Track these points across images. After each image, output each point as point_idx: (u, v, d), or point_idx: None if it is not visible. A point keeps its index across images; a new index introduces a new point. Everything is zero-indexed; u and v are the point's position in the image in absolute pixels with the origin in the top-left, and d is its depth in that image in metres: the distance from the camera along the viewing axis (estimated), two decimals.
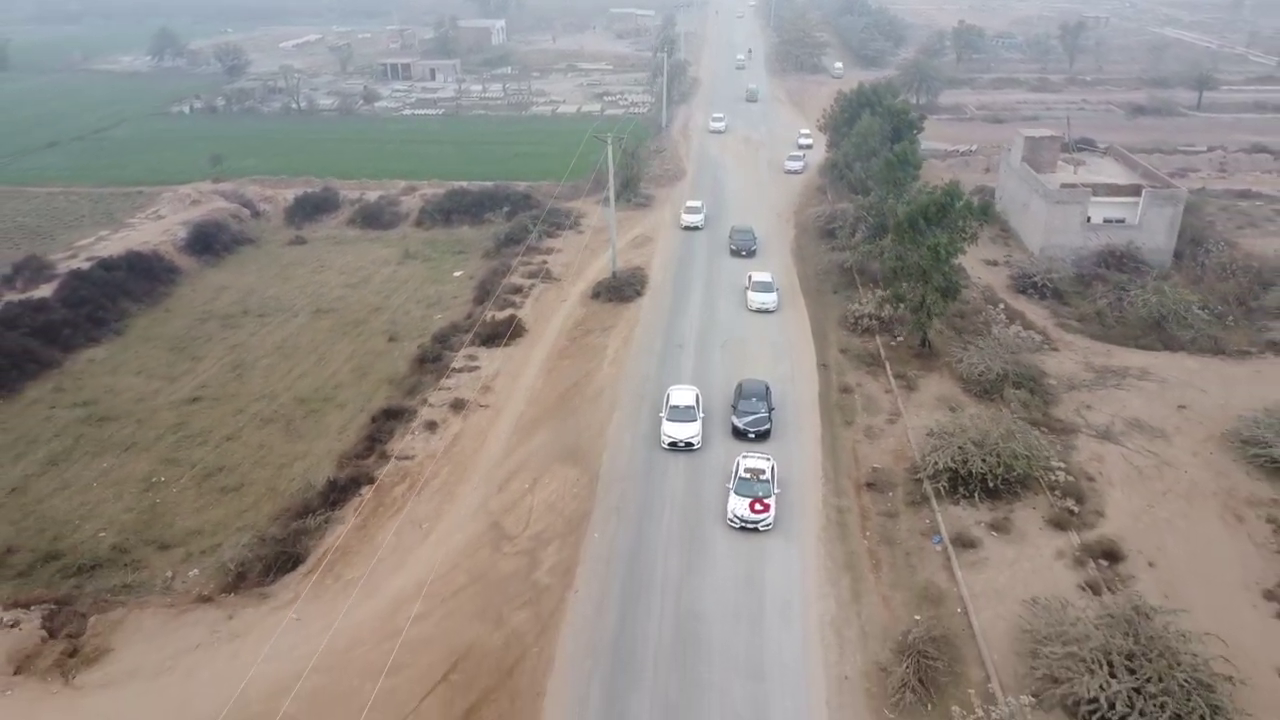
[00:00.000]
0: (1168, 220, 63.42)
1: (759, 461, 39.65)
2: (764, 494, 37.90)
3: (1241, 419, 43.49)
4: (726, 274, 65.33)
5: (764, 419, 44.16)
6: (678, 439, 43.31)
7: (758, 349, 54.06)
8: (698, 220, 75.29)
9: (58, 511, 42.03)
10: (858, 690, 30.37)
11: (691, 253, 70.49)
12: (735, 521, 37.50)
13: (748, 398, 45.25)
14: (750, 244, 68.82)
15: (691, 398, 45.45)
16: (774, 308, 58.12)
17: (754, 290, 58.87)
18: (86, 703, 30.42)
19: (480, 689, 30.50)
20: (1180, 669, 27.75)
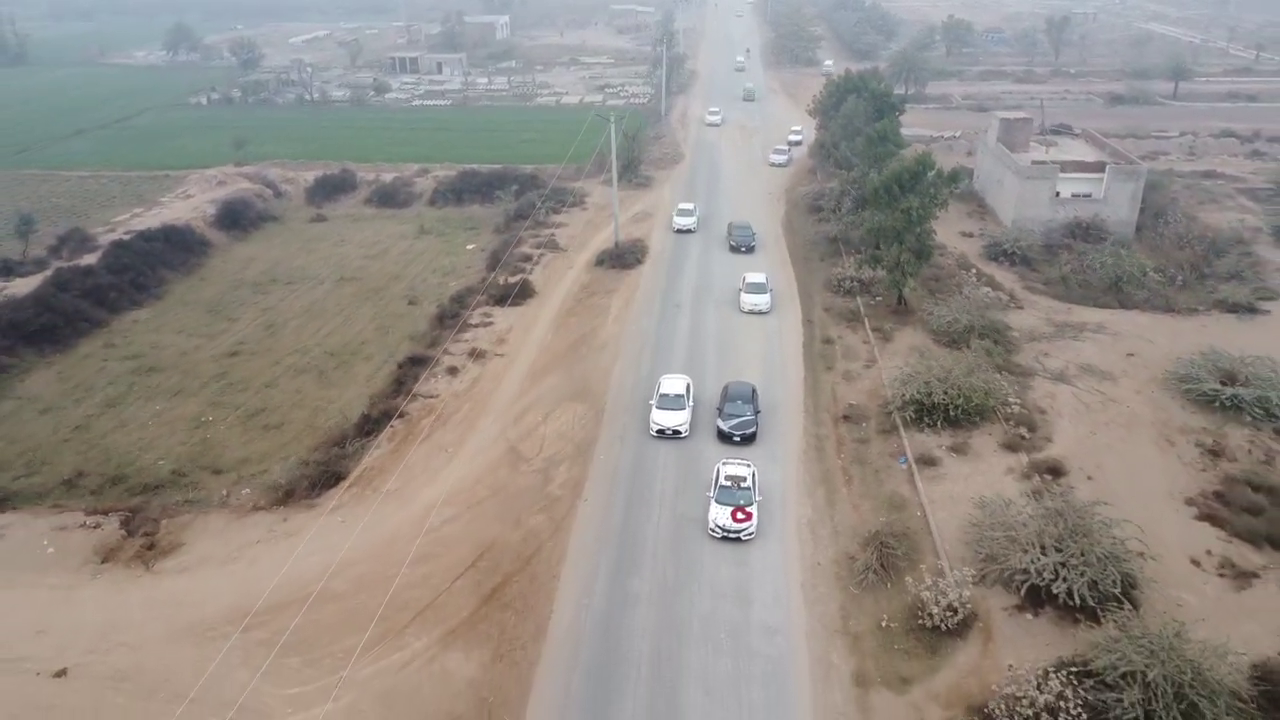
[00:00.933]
0: (1130, 194, 68.37)
1: (740, 468, 38.87)
2: (745, 502, 37.04)
3: (1179, 361, 48.47)
4: (721, 244, 70.39)
5: (750, 422, 43.33)
6: (665, 426, 43.58)
7: (751, 327, 58.68)
8: (690, 223, 72.71)
9: (118, 445, 46.87)
10: (828, 574, 35.37)
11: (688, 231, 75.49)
12: (717, 531, 36.52)
13: (733, 400, 44.44)
14: (749, 240, 68.46)
15: (682, 386, 45.63)
16: (767, 309, 57.22)
17: (747, 291, 57.91)
18: (166, 583, 35.45)
19: (503, 573, 35.49)
20: (1099, 546, 32.72)
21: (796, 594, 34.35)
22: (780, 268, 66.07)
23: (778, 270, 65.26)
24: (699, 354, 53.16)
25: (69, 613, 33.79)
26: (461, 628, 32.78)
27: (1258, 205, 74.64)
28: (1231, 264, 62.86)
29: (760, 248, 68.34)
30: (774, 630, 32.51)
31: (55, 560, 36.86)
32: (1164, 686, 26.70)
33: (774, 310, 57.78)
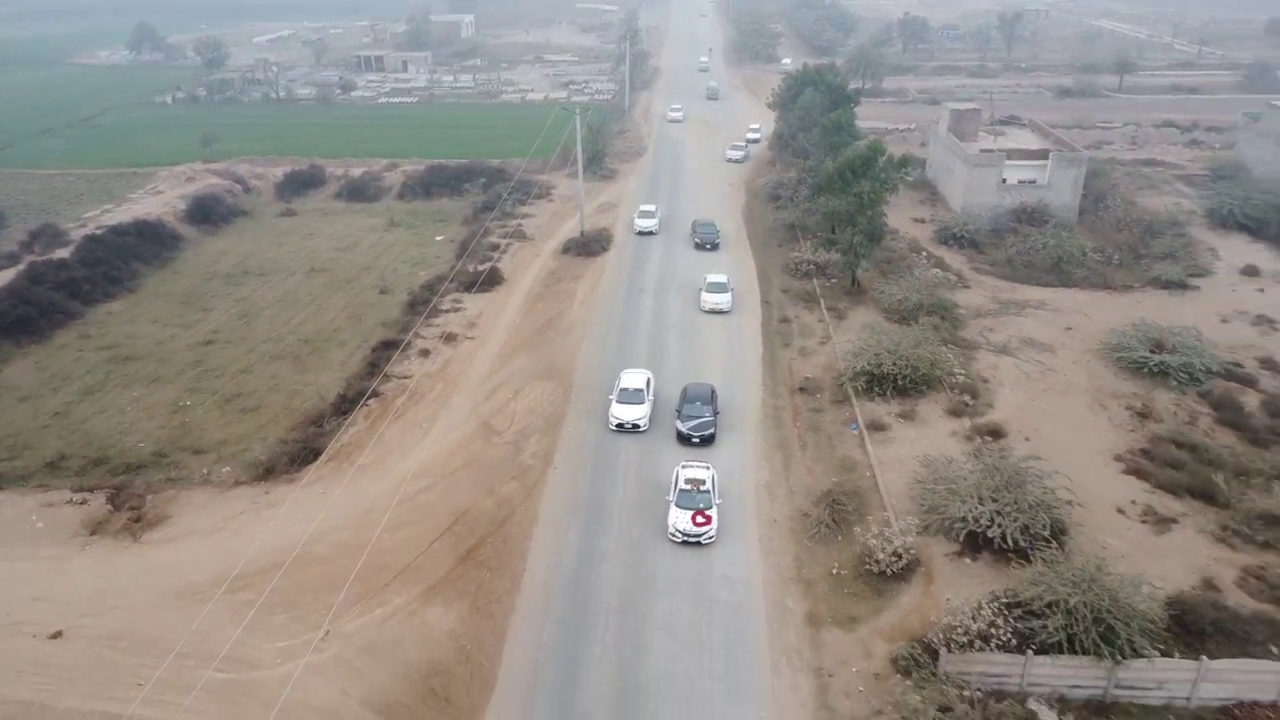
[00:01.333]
0: (1072, 180, 71.57)
1: (699, 471, 38.70)
2: (705, 505, 36.85)
3: (1113, 333, 51.48)
4: (684, 233, 72.72)
5: (709, 423, 43.27)
6: (625, 421, 44.06)
7: (709, 310, 61.12)
8: (651, 225, 71.87)
9: (99, 429, 48.20)
10: (784, 529, 37.79)
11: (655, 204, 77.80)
12: (677, 536, 36.42)
13: (692, 401, 44.28)
14: (714, 237, 68.79)
15: (642, 381, 46.08)
16: (728, 309, 57.07)
17: (708, 291, 57.66)
18: (154, 552, 37.11)
19: (478, 535, 37.55)
20: (1030, 495, 35.40)
21: (755, 547, 36.74)
22: (740, 254, 68.61)
23: (738, 256, 67.81)
24: (662, 334, 55.50)
25: (61, 581, 35.37)
26: (440, 585, 34.80)
27: (1193, 190, 78.18)
28: (1166, 245, 66.14)
29: (723, 238, 70.29)
30: (733, 580, 34.83)
31: (45, 534, 38.40)
32: (1084, 612, 29.30)
33: (735, 309, 59.19)
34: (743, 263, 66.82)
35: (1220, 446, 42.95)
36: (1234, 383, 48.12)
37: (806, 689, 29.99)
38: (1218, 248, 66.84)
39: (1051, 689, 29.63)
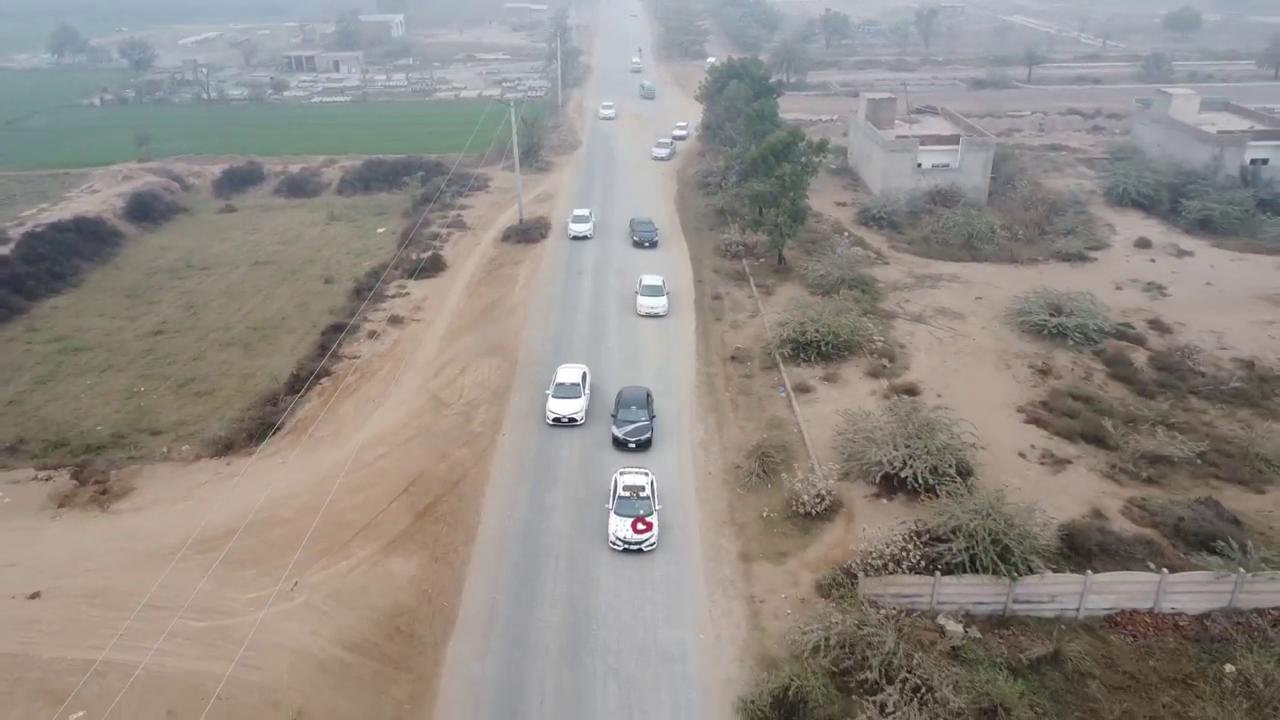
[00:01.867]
0: (981, 163, 76.29)
1: (638, 477, 38.43)
2: (645, 512, 36.63)
3: (1016, 300, 55.86)
4: (620, 218, 75.76)
5: (645, 428, 42.98)
6: (561, 415, 44.68)
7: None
8: (586, 230, 71.01)
9: (55, 415, 49.38)
10: (718, 480, 41.01)
11: (589, 201, 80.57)
12: (618, 544, 36.01)
13: (627, 406, 43.93)
14: (652, 235, 69.16)
15: (578, 375, 46.75)
16: (664, 313, 56.56)
17: (644, 294, 57.14)
18: (123, 521, 38.88)
19: (433, 495, 40.06)
20: (938, 440, 39.13)
21: (692, 497, 39.89)
22: (673, 239, 71.86)
23: (671, 241, 71.03)
24: (602, 311, 58.38)
25: (34, 549, 36.97)
26: (400, 539, 37.26)
27: (1093, 172, 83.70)
28: (1069, 222, 71.13)
29: (661, 235, 71.91)
30: (672, 526, 37.88)
31: (13, 508, 39.87)
32: (983, 535, 32.99)
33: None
34: (676, 246, 70.15)
35: (1111, 398, 47.37)
36: (1125, 342, 52.79)
37: (740, 613, 33.18)
38: (1114, 223, 72.08)
39: (958, 606, 33.18)
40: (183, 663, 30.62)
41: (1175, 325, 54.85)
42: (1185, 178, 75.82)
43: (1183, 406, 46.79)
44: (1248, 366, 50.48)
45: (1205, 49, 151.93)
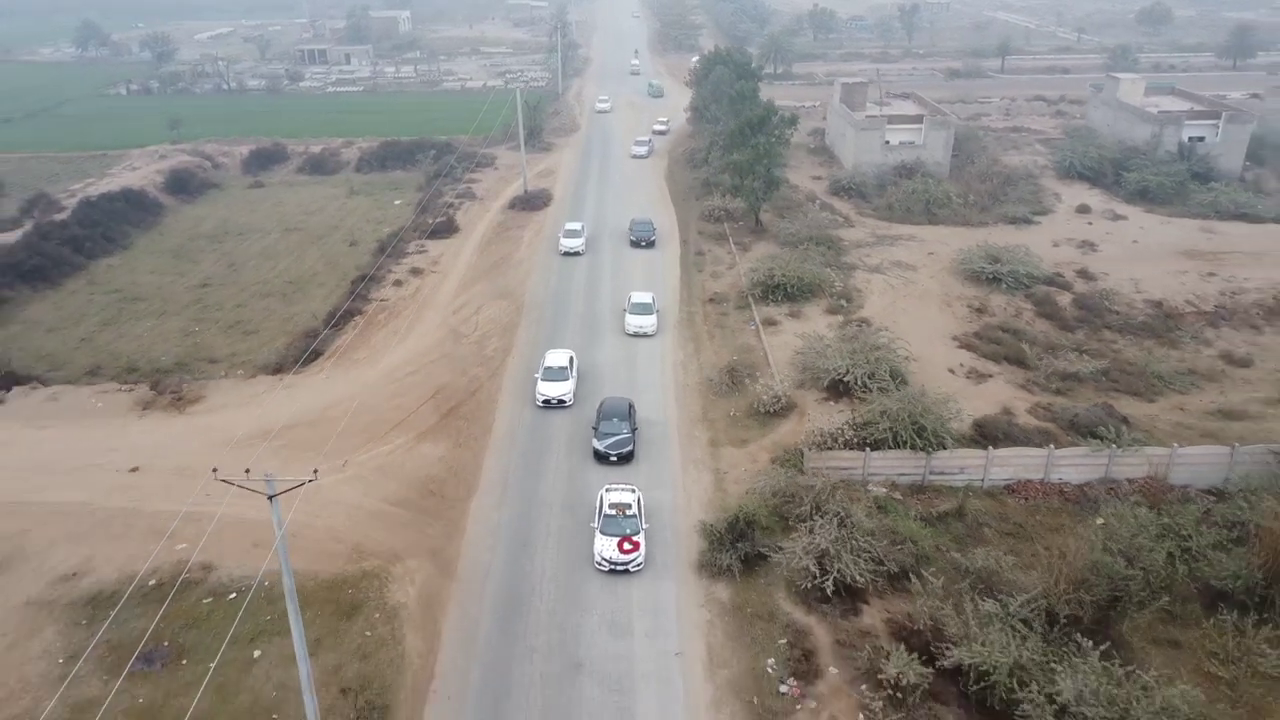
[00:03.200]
0: (943, 140, 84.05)
1: (624, 494, 37.49)
2: (632, 531, 35.55)
3: (961, 251, 63.61)
4: (615, 189, 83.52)
5: (627, 440, 42.28)
6: (550, 397, 46.79)
7: (638, 250, 71.78)
8: (577, 245, 67.56)
9: (123, 349, 57.02)
10: (694, 390, 48.81)
11: (587, 176, 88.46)
12: (604, 564, 34.96)
13: (609, 418, 43.27)
14: (649, 234, 69.14)
15: (565, 359, 48.93)
16: (653, 332, 54.79)
17: (632, 312, 55.59)
18: (197, 420, 46.70)
19: (455, 400, 47.88)
20: (877, 352, 46.94)
21: (672, 403, 47.69)
22: (664, 207, 79.62)
23: (661, 210, 78.75)
24: (598, 268, 66.09)
25: (128, 439, 44.79)
26: (429, 431, 45.08)
27: (1049, 150, 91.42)
28: (1020, 192, 78.89)
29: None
30: (654, 422, 45.64)
31: (104, 410, 47.75)
32: (903, 416, 40.78)
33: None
34: (665, 213, 77.85)
35: (1036, 331, 55.24)
36: (1053, 287, 60.54)
37: (707, 481, 40.98)
38: (1061, 193, 79.85)
39: (885, 476, 40.91)
40: (259, 514, 38.07)
41: (1100, 274, 62.59)
42: (1128, 153, 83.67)
43: (1097, 338, 54.65)
44: (1156, 306, 58.33)
45: (1174, 42, 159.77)
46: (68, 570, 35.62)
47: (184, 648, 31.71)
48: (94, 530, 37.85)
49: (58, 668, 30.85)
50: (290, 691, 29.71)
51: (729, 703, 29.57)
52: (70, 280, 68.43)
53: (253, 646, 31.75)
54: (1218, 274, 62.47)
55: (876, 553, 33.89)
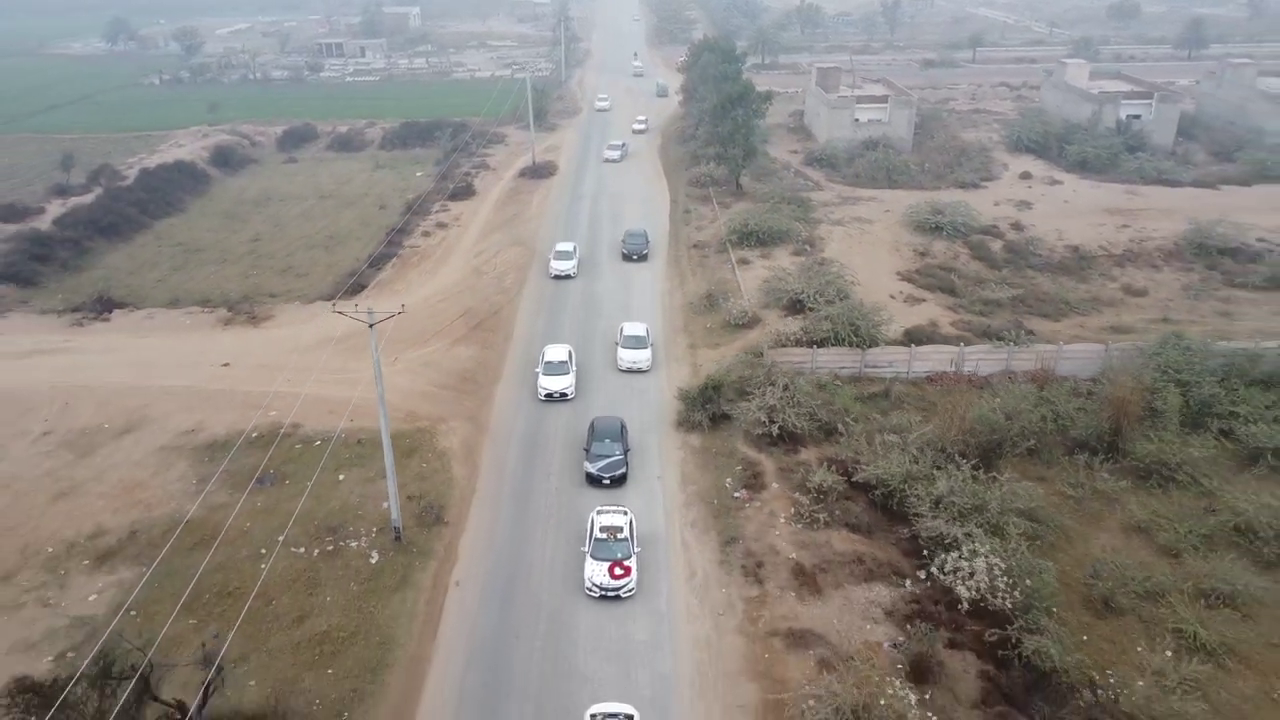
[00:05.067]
0: (907, 118, 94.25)
1: (616, 517, 36.63)
2: (624, 555, 34.71)
3: (911, 207, 73.78)
4: (613, 165, 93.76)
5: (619, 462, 41.20)
6: (552, 390, 48.37)
7: (633, 205, 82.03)
8: (568, 268, 64.72)
9: (195, 287, 67.22)
10: (677, 311, 59.08)
11: (588, 154, 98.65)
12: (594, 590, 34.10)
13: (601, 439, 42.10)
14: (642, 248, 68.28)
15: (565, 354, 50.46)
16: (648, 368, 51.53)
17: (624, 346, 52.22)
18: (270, 332, 56.98)
19: (480, 318, 58.11)
20: (832, 278, 57.17)
21: (659, 319, 57.95)
22: (657, 176, 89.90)
23: (653, 178, 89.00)
24: (597, 222, 76.36)
25: (216, 345, 55.06)
26: (460, 339, 55.29)
27: (1003, 128, 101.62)
28: (973, 162, 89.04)
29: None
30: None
31: (193, 325, 58.09)
32: (843, 320, 50.96)
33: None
34: (658, 183, 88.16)
35: (969, 270, 65.37)
36: (988, 235, 70.67)
37: (685, 371, 51.17)
38: (1009, 163, 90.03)
39: (829, 369, 50.96)
40: (329, 392, 48.58)
41: (1030, 226, 72.72)
42: (1071, 129, 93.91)
43: (1020, 275, 64.79)
44: (1074, 250, 68.55)
45: (1140, 35, 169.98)
46: (187, 428, 45.92)
47: (286, 474, 41.93)
48: (201, 403, 48.12)
49: (192, 487, 41.10)
50: (368, 499, 40.03)
51: (695, 504, 39.85)
52: (139, 235, 78.74)
53: (338, 473, 41.98)
54: (1131, 226, 72.60)
55: (813, 410, 44.16)
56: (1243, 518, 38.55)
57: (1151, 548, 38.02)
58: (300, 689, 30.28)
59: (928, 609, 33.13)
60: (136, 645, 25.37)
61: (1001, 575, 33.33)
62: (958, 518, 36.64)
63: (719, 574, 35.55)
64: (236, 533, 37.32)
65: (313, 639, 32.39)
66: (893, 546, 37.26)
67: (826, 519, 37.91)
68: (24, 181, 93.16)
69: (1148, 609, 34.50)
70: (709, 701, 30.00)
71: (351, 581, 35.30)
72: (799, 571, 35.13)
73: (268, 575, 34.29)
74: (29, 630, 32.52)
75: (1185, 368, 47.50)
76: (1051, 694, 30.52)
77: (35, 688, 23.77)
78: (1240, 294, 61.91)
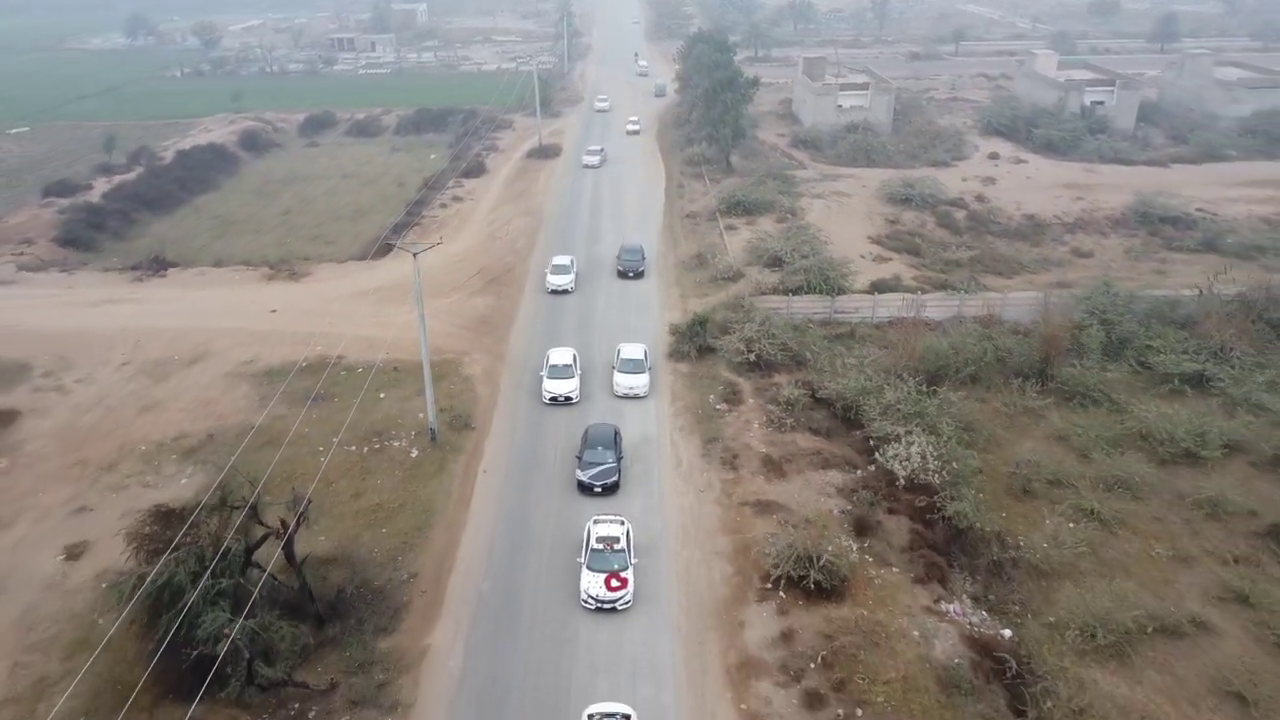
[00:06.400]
0: (886, 104, 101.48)
1: (612, 527, 36.00)
2: (620, 567, 34.16)
3: (885, 182, 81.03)
4: (615, 141, 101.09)
5: (612, 470, 40.78)
6: (557, 394, 48.26)
7: (631, 182, 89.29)
8: (566, 282, 62.78)
9: (235, 251, 74.34)
10: (671, 268, 66.31)
11: (589, 138, 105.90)
12: (590, 603, 33.49)
13: (593, 446, 41.70)
14: (639, 264, 65.55)
15: (569, 357, 50.59)
16: (645, 393, 48.92)
17: (621, 371, 49.67)
18: (310, 286, 64.26)
19: (495, 274, 65.39)
20: (808, 238, 64.43)
21: (655, 274, 65.19)
22: (654, 156, 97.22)
23: (651, 159, 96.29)
24: (598, 191, 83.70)
25: (263, 295, 62.33)
26: (478, 291, 62.58)
27: (977, 114, 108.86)
28: (947, 143, 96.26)
29: (649, 265, 67.98)
30: (645, 292, 63.03)
31: (241, 280, 65.42)
32: (815, 271, 58.26)
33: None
34: (654, 161, 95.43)
35: (934, 235, 72.60)
36: (954, 206, 77.93)
37: (678, 313, 58.39)
38: (980, 145, 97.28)
39: (803, 315, 58.18)
40: (367, 332, 55.84)
41: (992, 198, 79.99)
42: (1038, 114, 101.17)
43: (979, 240, 72.01)
44: (1030, 218, 75.79)
45: (1119, 30, 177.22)
46: (245, 359, 53.22)
47: (335, 394, 49.14)
48: (255, 341, 55.40)
49: (256, 403, 48.36)
50: (405, 413, 47.30)
51: (683, 414, 47.14)
52: (179, 209, 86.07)
53: (379, 393, 49.22)
54: (1085, 199, 79.84)
55: (785, 341, 51.46)
56: (1143, 425, 45.85)
57: (1068, 450, 45.25)
58: (361, 543, 37.57)
59: (872, 486, 40.38)
60: (248, 479, 32.52)
61: (934, 459, 40.61)
62: (901, 420, 43.89)
63: (701, 463, 42.84)
64: (297, 436, 44.48)
65: (368, 509, 39.69)
66: (848, 446, 44.51)
67: (793, 424, 45.20)
68: (66, 163, 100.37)
69: (1057, 493, 41.78)
70: (691, 549, 37.27)
71: (397, 470, 42.61)
72: (768, 461, 42.38)
73: (327, 466, 41.51)
74: (135, 502, 39.72)
75: (1110, 309, 54.82)
76: (967, 546, 37.87)
77: (170, 512, 30.97)
78: (1176, 256, 69.14)
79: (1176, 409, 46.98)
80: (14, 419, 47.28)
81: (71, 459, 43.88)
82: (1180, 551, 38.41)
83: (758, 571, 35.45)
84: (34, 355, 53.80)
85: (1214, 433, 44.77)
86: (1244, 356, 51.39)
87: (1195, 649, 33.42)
